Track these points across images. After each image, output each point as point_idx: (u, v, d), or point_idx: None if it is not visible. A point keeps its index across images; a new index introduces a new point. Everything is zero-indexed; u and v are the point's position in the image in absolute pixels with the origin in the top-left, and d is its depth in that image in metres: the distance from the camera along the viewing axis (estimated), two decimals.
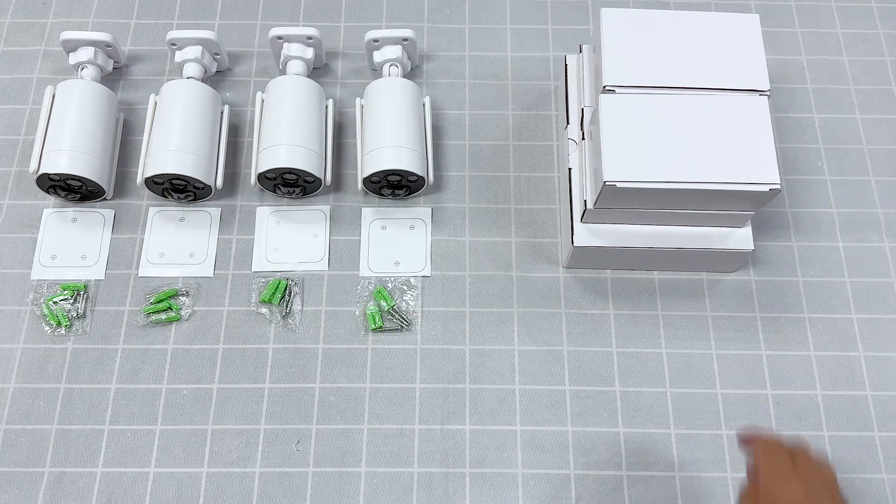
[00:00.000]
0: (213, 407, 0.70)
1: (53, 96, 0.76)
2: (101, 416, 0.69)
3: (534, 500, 0.67)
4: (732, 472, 0.68)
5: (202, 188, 0.76)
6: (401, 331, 0.73)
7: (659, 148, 0.65)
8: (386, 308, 0.73)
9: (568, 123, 0.76)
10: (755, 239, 0.71)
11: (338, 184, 0.80)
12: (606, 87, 0.67)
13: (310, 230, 0.77)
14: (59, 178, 0.73)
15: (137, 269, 0.75)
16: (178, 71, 0.81)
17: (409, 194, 0.78)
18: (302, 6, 0.89)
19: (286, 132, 0.74)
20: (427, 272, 0.75)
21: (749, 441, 0.54)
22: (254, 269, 0.75)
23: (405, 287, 0.74)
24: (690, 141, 0.65)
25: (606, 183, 0.64)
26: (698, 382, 0.72)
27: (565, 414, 0.70)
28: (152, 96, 0.78)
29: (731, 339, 0.73)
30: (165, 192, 0.76)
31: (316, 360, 0.72)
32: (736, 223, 0.70)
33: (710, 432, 0.70)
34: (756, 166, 0.64)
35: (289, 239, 0.77)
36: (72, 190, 0.75)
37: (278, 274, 0.75)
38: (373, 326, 0.72)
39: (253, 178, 0.75)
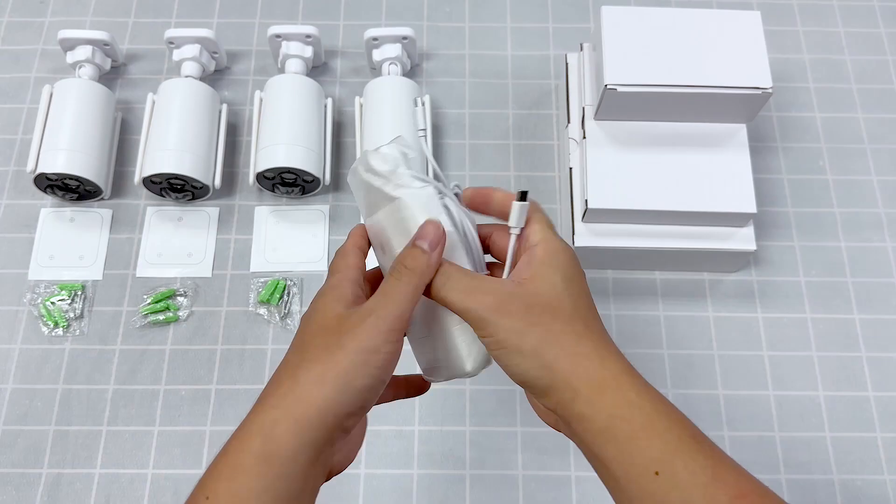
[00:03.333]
0: (211, 408, 0.70)
1: (51, 95, 0.76)
2: (98, 417, 0.69)
3: (534, 503, 0.67)
4: None
5: (200, 188, 0.75)
6: None
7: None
8: None
9: (569, 122, 0.75)
10: (757, 239, 0.71)
11: (337, 183, 0.79)
12: (608, 87, 0.67)
13: (309, 230, 0.77)
14: (56, 177, 0.73)
15: (135, 269, 0.75)
16: (176, 70, 0.80)
17: None
18: (301, 4, 0.89)
19: (285, 131, 0.73)
20: None
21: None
22: (252, 269, 0.75)
23: None
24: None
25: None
26: (700, 383, 0.71)
27: None
28: (150, 95, 0.78)
29: (733, 339, 0.73)
30: (163, 192, 0.76)
31: None
32: (736, 219, 0.70)
33: (712, 433, 0.68)
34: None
35: (287, 239, 0.76)
36: (69, 189, 0.75)
37: (277, 274, 0.75)
38: None
39: (251, 178, 0.75)
